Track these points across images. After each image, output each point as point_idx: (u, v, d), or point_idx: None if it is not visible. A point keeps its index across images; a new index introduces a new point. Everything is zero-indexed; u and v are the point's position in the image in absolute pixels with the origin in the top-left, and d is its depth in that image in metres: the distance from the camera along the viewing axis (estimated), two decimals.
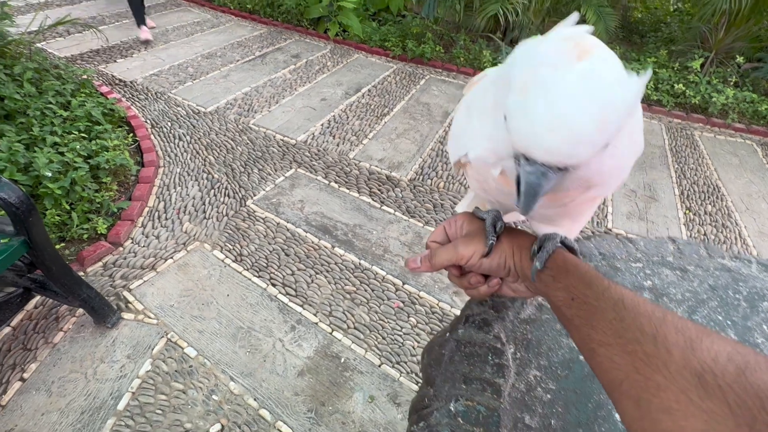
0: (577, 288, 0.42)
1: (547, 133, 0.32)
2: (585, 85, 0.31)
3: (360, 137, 3.05)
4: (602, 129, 0.32)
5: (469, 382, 0.52)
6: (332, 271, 2.09)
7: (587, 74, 0.31)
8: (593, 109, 0.31)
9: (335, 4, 4.33)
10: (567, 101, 0.31)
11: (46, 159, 2.10)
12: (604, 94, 0.31)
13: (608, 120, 0.32)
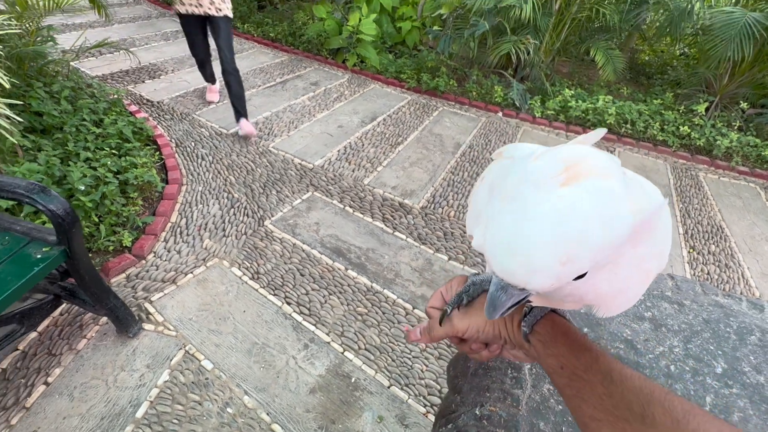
0: (566, 358, 0.42)
1: (506, 255, 0.31)
2: (555, 214, 0.29)
3: (374, 164, 3.18)
4: (566, 262, 0.30)
5: (491, 391, 0.60)
6: (345, 293, 2.16)
7: (563, 203, 0.29)
8: (556, 240, 0.30)
9: (355, 37, 4.54)
10: (531, 227, 0.30)
11: (80, 173, 2.23)
12: (573, 227, 0.29)
13: (574, 254, 0.30)
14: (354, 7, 4.73)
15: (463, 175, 3.18)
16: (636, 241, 0.33)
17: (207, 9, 2.86)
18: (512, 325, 0.49)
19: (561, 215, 0.29)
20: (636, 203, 0.31)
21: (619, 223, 0.30)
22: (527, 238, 0.30)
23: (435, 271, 2.33)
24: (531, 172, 0.32)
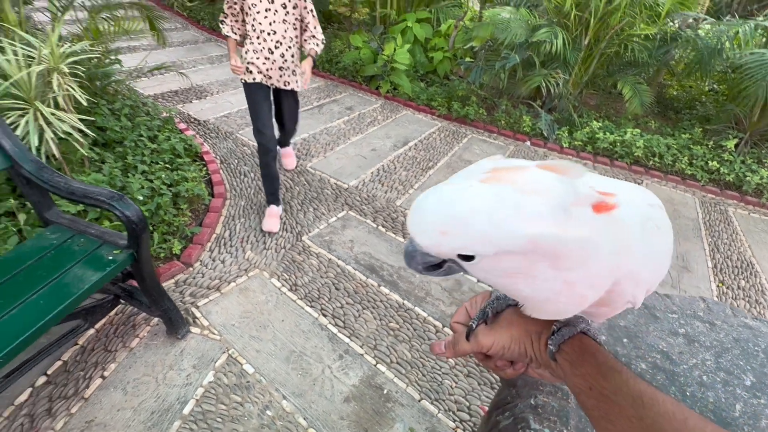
0: (595, 378, 0.42)
1: (412, 213, 0.37)
2: (456, 195, 0.35)
3: (406, 187, 3.30)
4: (445, 233, 0.35)
5: (543, 386, 0.69)
6: (378, 308, 2.26)
7: (467, 191, 0.34)
8: (444, 213, 0.35)
9: (389, 65, 4.75)
10: (435, 199, 0.36)
11: (139, 184, 2.42)
12: (461, 209, 0.34)
13: (453, 231, 0.34)
14: (389, 38, 4.96)
15: None
16: (555, 262, 0.35)
17: (276, 82, 2.49)
18: (539, 344, 0.49)
19: (459, 198, 0.34)
20: (544, 228, 0.33)
21: (506, 230, 0.33)
22: (428, 205, 0.36)
23: (464, 292, 2.40)
24: (472, 167, 0.37)
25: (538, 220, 0.33)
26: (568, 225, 0.34)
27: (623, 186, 0.44)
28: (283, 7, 2.31)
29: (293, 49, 2.46)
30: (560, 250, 0.35)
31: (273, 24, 2.31)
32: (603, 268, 0.39)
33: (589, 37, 4.40)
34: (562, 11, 4.33)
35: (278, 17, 2.31)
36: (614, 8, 4.16)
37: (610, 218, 0.38)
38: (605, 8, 4.17)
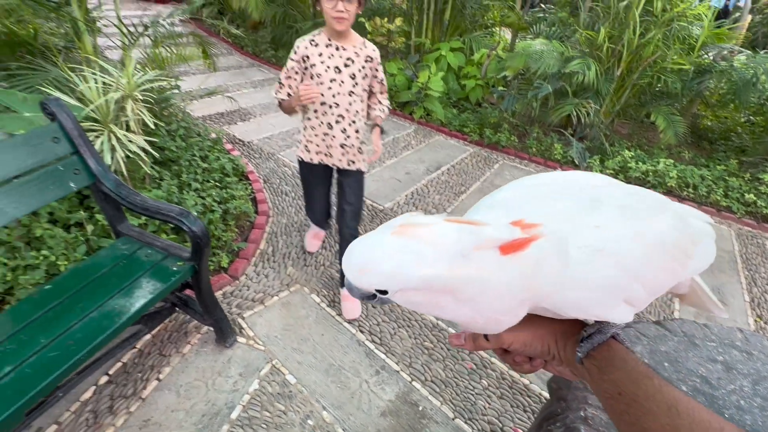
0: (626, 384, 0.42)
1: (345, 253, 0.44)
2: (372, 243, 0.42)
3: (439, 210, 3.41)
4: (363, 273, 0.41)
5: (591, 400, 0.78)
6: (413, 327, 2.34)
7: (381, 241, 0.41)
8: (362, 257, 0.41)
9: (423, 92, 4.92)
10: (359, 246, 0.42)
11: (193, 201, 2.60)
12: (373, 255, 0.41)
13: (367, 270, 0.41)
14: (424, 66, 5.15)
15: None
16: (454, 295, 0.41)
17: (338, 161, 2.18)
18: (564, 343, 0.50)
19: (373, 245, 0.41)
20: (434, 271, 0.39)
21: (404, 272, 0.39)
22: (354, 249, 0.43)
23: None
24: (391, 221, 0.44)
25: (429, 264, 0.39)
26: (459, 267, 0.40)
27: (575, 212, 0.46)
28: (352, 77, 1.96)
29: (358, 123, 2.09)
30: (451, 287, 0.40)
31: (337, 96, 1.97)
32: (507, 301, 0.43)
33: (622, 68, 4.47)
34: (595, 44, 4.42)
35: (344, 89, 1.97)
36: (647, 41, 4.23)
37: (516, 256, 0.42)
38: (638, 41, 4.24)
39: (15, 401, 1.24)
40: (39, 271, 2.12)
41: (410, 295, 0.42)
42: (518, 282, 0.42)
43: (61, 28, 3.27)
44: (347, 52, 1.94)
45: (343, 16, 1.79)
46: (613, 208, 0.46)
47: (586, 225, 0.45)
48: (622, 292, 0.45)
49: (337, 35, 1.90)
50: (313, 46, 1.92)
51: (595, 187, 0.50)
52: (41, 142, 1.62)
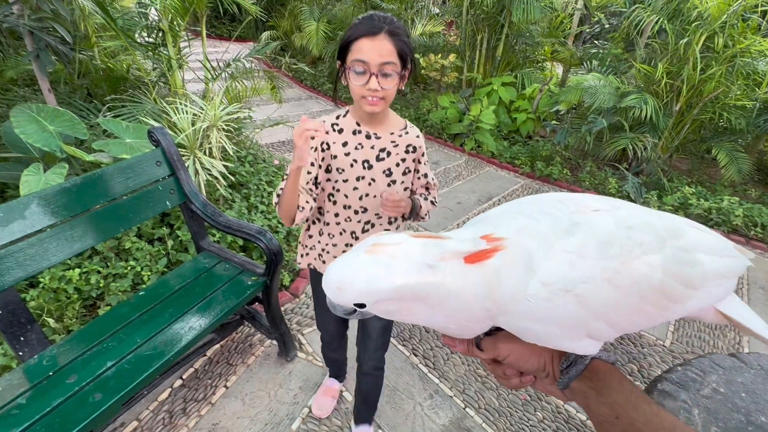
0: (623, 408, 0.42)
1: (324, 273, 0.48)
2: (348, 262, 0.45)
3: None
4: (340, 289, 0.45)
5: None
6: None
7: (355, 259, 0.45)
8: (339, 276, 0.45)
9: (474, 125, 5.04)
10: (337, 265, 0.46)
11: (260, 222, 2.80)
12: (349, 273, 0.45)
13: (344, 287, 0.45)
14: (476, 100, 5.29)
15: None
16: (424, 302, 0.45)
17: None
18: (559, 360, 0.50)
19: (348, 264, 0.45)
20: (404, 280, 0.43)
21: (378, 285, 0.43)
22: (331, 269, 0.46)
23: None
24: (363, 242, 0.47)
25: (399, 275, 0.43)
26: (426, 276, 0.43)
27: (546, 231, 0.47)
28: (387, 174, 1.34)
29: (393, 230, 1.46)
30: (421, 294, 0.44)
31: (365, 198, 1.35)
32: (474, 308, 0.46)
33: (681, 103, 4.40)
34: (652, 79, 4.40)
35: (375, 188, 1.34)
36: (708, 77, 4.16)
37: (479, 267, 0.45)
38: (698, 77, 4.18)
39: (117, 392, 1.40)
40: (127, 279, 2.35)
41: (386, 305, 0.46)
42: (482, 289, 0.45)
43: (146, 63, 3.69)
44: (381, 141, 1.31)
45: (378, 96, 1.16)
46: (593, 241, 0.45)
47: (555, 247, 0.45)
48: (585, 329, 0.46)
49: (369, 119, 1.29)
50: (335, 132, 1.30)
51: (592, 212, 0.48)
52: (147, 165, 1.85)
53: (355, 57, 1.11)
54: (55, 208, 1.53)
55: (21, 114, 2.22)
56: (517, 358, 0.52)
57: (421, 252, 0.44)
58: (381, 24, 1.10)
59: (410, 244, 0.45)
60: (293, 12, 8.03)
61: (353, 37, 1.11)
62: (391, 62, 1.12)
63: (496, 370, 0.55)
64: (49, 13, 2.65)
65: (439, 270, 0.44)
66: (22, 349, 1.49)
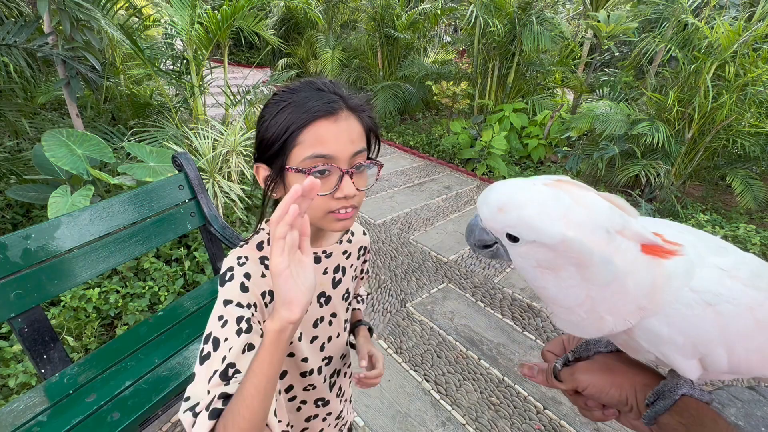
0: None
1: (484, 191, 0.45)
2: (521, 188, 0.42)
3: (503, 265, 3.44)
4: (500, 210, 0.42)
5: None
6: (478, 381, 2.34)
7: (533, 188, 0.41)
8: (505, 197, 0.42)
9: (486, 150, 5.10)
10: (505, 185, 0.43)
11: None
12: (519, 198, 0.41)
13: (507, 209, 0.41)
14: (487, 126, 5.36)
15: None
16: (580, 269, 0.40)
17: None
18: (643, 395, 0.48)
19: (522, 188, 0.42)
20: (578, 234, 0.39)
21: (548, 224, 0.39)
22: (497, 187, 0.43)
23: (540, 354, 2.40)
24: (540, 176, 0.44)
25: (575, 226, 0.39)
26: (600, 240, 0.39)
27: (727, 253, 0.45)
28: (345, 297, 0.94)
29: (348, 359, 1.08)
30: (584, 257, 0.39)
31: (328, 346, 0.92)
32: (627, 300, 0.41)
33: (693, 131, 4.41)
34: (663, 107, 4.43)
35: (337, 325, 0.93)
36: (719, 105, 4.18)
37: (653, 261, 0.41)
38: (710, 105, 4.20)
39: (134, 412, 1.42)
40: (144, 299, 2.40)
41: (538, 252, 0.41)
42: (646, 284, 0.41)
43: (169, 90, 3.84)
44: (334, 258, 0.88)
45: (352, 204, 0.73)
46: (745, 267, 0.44)
47: (708, 261, 0.43)
48: (704, 350, 0.43)
49: (312, 235, 0.78)
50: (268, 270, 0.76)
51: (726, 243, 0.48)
52: (170, 189, 1.92)
53: (311, 152, 0.66)
54: (83, 230, 1.59)
55: (52, 138, 2.33)
56: (597, 390, 0.50)
57: (608, 214, 0.40)
58: (335, 95, 0.70)
59: (599, 200, 0.41)
60: (309, 40, 8.30)
61: (303, 122, 0.67)
62: (363, 149, 0.73)
63: (577, 402, 0.54)
64: (81, 43, 2.80)
65: (614, 242, 0.40)
66: (45, 367, 1.53)
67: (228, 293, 0.70)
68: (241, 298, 0.69)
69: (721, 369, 0.44)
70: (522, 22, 5.11)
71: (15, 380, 1.89)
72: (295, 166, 0.67)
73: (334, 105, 0.68)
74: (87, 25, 2.78)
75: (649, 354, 0.46)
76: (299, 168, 0.67)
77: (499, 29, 5.13)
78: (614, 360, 0.52)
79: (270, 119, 0.68)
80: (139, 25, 3.87)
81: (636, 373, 0.50)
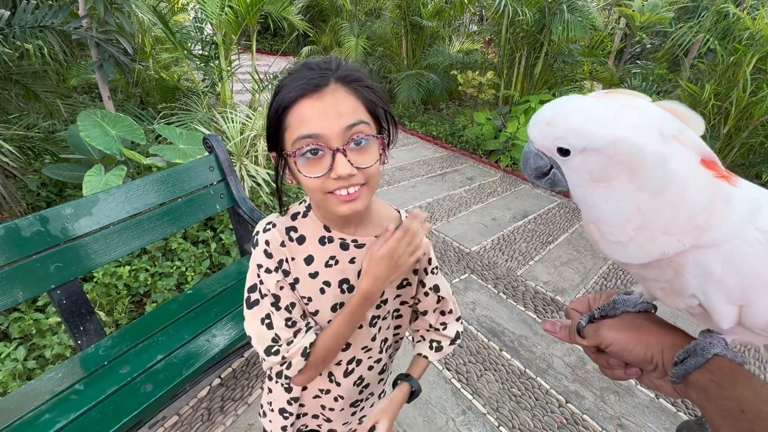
0: (751, 402, 0.39)
1: (531, 118, 0.44)
2: (567, 100, 0.41)
3: (526, 258, 3.40)
4: (549, 124, 0.41)
5: None
6: (500, 371, 2.33)
7: (578, 99, 0.41)
8: (553, 111, 0.41)
9: (510, 141, 5.02)
10: (553, 103, 0.42)
11: None
12: (567, 109, 0.40)
13: (555, 121, 0.41)
14: (513, 117, 5.27)
15: (616, 282, 3.21)
16: (633, 175, 0.38)
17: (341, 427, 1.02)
18: (670, 356, 0.46)
19: (568, 102, 0.41)
20: (629, 133, 0.37)
21: (596, 126, 0.38)
22: (545, 107, 0.42)
23: (588, 371, 2.37)
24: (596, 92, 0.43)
25: (625, 127, 0.37)
26: (654, 142, 0.37)
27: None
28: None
29: (386, 359, 1.01)
30: (637, 161, 0.37)
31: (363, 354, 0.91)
32: (683, 214, 0.39)
33: (729, 126, 4.25)
34: (698, 100, 4.28)
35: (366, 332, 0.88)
36: (759, 99, 4.01)
37: (713, 180, 0.39)
38: (748, 99, 4.04)
39: (166, 385, 1.46)
40: (172, 278, 2.45)
41: (591, 160, 0.40)
42: (705, 198, 0.39)
43: (197, 75, 3.88)
44: (366, 251, 0.81)
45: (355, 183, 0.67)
46: None
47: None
48: (751, 297, 0.41)
49: (343, 219, 0.78)
50: (293, 242, 0.80)
51: None
52: (200, 170, 1.95)
53: (297, 134, 0.64)
54: (118, 207, 1.63)
55: (87, 119, 2.38)
56: (621, 348, 0.49)
57: (661, 118, 0.38)
58: (324, 70, 0.65)
59: (652, 105, 0.40)
60: (334, 28, 8.27)
61: (285, 103, 0.64)
62: (360, 121, 0.65)
63: (599, 360, 0.53)
64: (114, 27, 2.84)
65: (670, 146, 0.38)
66: (81, 338, 1.58)
67: (257, 257, 0.78)
68: (267, 264, 0.77)
69: (758, 323, 0.42)
70: (552, 10, 4.98)
71: (51, 351, 1.96)
72: (288, 150, 0.66)
73: (317, 81, 0.63)
74: (120, 9, 2.82)
75: (692, 299, 0.44)
76: (291, 152, 0.65)
77: (528, 18, 5.02)
78: (642, 319, 0.51)
79: (270, 104, 0.67)
80: (168, 11, 3.92)
81: (664, 332, 0.49)
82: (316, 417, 0.98)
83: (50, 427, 1.26)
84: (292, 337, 0.79)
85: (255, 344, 0.80)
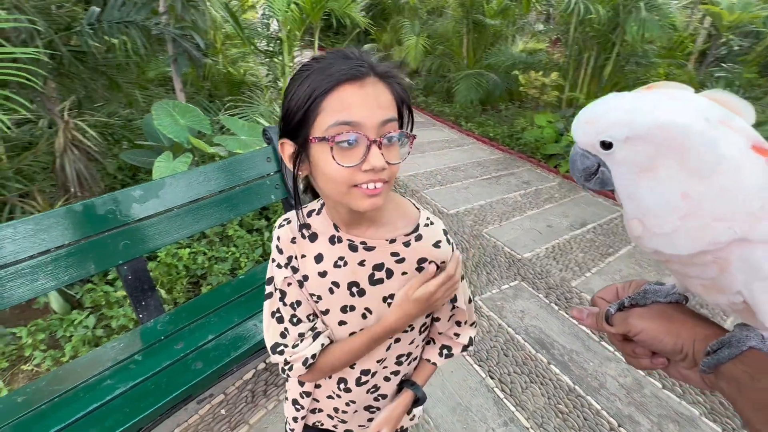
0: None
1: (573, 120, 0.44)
2: (609, 99, 0.41)
3: (582, 269, 3.22)
4: (590, 122, 0.41)
5: None
6: (546, 385, 2.23)
7: (618, 97, 0.41)
8: (593, 110, 0.41)
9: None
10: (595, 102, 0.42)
11: None
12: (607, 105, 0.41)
13: (595, 119, 0.41)
14: None
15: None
16: (682, 160, 0.37)
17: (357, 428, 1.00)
18: (702, 347, 0.45)
19: (608, 100, 0.41)
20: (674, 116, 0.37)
21: (637, 114, 0.38)
22: (586, 109, 0.42)
23: (645, 395, 2.21)
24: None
25: (669, 111, 0.37)
26: (700, 123, 0.36)
27: None
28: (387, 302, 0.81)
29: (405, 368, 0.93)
30: (684, 143, 0.36)
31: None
32: (736, 199, 0.37)
33: None
34: None
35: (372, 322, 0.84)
36: None
37: (766, 167, 0.37)
38: None
39: (215, 363, 1.52)
40: (227, 263, 2.57)
41: (637, 150, 0.39)
42: (758, 185, 0.37)
43: (261, 70, 4.03)
44: (375, 254, 0.78)
45: (382, 178, 0.65)
46: None
47: None
48: None
49: (353, 219, 0.76)
50: (305, 240, 0.80)
51: None
52: (259, 161, 2.01)
53: (335, 119, 0.61)
54: (182, 191, 1.72)
55: (160, 108, 2.55)
56: (650, 336, 0.48)
57: (707, 105, 0.38)
58: (362, 60, 0.64)
59: (696, 96, 0.39)
60: (395, 27, 8.29)
61: (325, 87, 0.61)
62: (394, 118, 0.66)
63: (625, 348, 0.52)
64: (189, 23, 3.02)
65: (717, 130, 0.36)
66: (142, 312, 1.69)
67: (273, 252, 0.82)
68: (278, 259, 0.80)
69: None
70: (627, 8, 4.68)
71: (116, 321, 2.12)
72: (318, 135, 0.62)
73: (361, 69, 0.62)
74: (195, 6, 2.99)
75: (737, 296, 0.41)
76: (322, 136, 0.61)
77: (600, 16, 4.75)
78: (673, 309, 0.50)
79: (294, 89, 0.64)
80: (238, 8, 4.11)
81: (697, 323, 0.48)
82: (331, 417, 0.98)
83: (110, 393, 1.36)
84: (298, 341, 0.79)
85: (265, 336, 0.83)
